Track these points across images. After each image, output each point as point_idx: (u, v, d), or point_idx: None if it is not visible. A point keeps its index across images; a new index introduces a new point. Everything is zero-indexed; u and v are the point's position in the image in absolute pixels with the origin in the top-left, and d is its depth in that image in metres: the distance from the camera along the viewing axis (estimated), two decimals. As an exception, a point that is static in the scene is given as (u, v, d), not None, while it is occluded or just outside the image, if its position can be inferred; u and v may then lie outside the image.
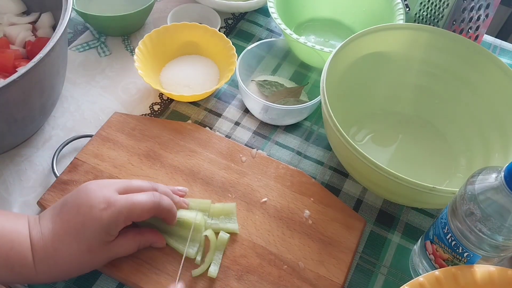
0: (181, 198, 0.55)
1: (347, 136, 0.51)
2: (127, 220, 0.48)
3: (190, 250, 0.53)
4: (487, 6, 0.69)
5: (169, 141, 0.62)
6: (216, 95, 0.71)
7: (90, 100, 0.68)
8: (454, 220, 0.46)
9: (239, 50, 0.69)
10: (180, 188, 0.57)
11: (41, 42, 0.63)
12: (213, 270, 0.52)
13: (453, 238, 0.46)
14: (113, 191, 0.48)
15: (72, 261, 0.47)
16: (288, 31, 0.69)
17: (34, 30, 0.68)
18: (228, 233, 0.54)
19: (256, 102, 0.64)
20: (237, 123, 0.68)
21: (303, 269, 0.53)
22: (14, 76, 0.49)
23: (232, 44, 0.69)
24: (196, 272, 0.52)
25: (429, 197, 0.50)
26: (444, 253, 0.48)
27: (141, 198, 0.49)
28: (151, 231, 0.53)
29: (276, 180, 0.60)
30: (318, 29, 0.81)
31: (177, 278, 0.50)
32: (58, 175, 0.58)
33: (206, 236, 0.54)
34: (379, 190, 0.57)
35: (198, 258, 0.53)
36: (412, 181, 0.48)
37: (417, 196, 0.51)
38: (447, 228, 0.47)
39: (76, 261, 0.47)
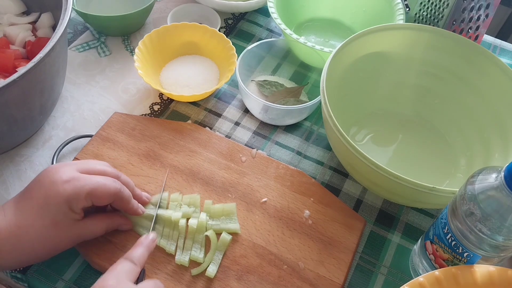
0: (143, 193, 0.56)
1: (347, 136, 0.51)
2: (87, 197, 0.48)
3: (193, 252, 0.53)
4: (487, 6, 0.69)
5: (169, 141, 0.62)
6: (216, 95, 0.71)
7: (90, 100, 0.68)
8: (454, 220, 0.46)
9: (239, 50, 0.69)
10: (145, 194, 0.56)
11: (41, 42, 0.63)
12: (212, 270, 0.52)
13: (453, 238, 0.46)
14: (75, 170, 0.49)
15: (38, 238, 0.47)
16: (288, 31, 0.69)
17: (34, 30, 0.68)
18: (230, 233, 0.54)
19: (256, 102, 0.64)
20: (237, 123, 0.68)
21: (303, 269, 0.53)
22: (14, 76, 0.49)
23: (232, 44, 0.69)
24: (195, 271, 0.52)
25: (429, 197, 0.50)
26: (444, 253, 0.48)
27: (104, 181, 0.49)
28: (118, 214, 0.53)
29: (276, 180, 0.60)
30: (318, 29, 0.81)
31: (151, 227, 0.53)
32: (58, 175, 0.58)
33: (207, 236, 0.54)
34: (379, 190, 0.57)
35: (201, 256, 0.53)
36: (412, 181, 0.48)
37: (417, 196, 0.51)
38: (447, 228, 0.47)
39: (41, 237, 0.47)
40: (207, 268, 0.52)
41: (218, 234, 0.54)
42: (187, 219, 0.55)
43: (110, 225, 0.52)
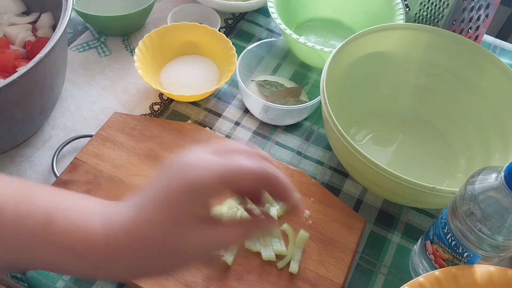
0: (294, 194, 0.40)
1: (347, 136, 0.51)
2: (225, 185, 0.35)
3: (274, 247, 0.54)
4: (487, 6, 0.69)
5: (169, 141, 0.62)
6: (216, 95, 0.71)
7: (90, 100, 0.68)
8: (454, 220, 0.46)
9: (239, 50, 0.69)
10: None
11: (41, 42, 0.63)
12: (294, 267, 0.53)
13: (453, 238, 0.46)
14: (206, 153, 0.37)
15: (154, 237, 0.34)
16: (288, 31, 0.69)
17: (34, 30, 0.68)
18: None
19: (256, 102, 0.64)
20: (237, 123, 0.68)
21: (303, 269, 0.53)
22: (14, 76, 0.49)
23: (232, 44, 0.69)
24: (281, 264, 0.53)
25: (429, 197, 0.50)
26: (444, 253, 0.48)
27: (247, 161, 0.36)
28: (255, 218, 0.40)
29: (276, 180, 0.60)
30: (318, 29, 0.81)
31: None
32: (58, 175, 0.58)
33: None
34: (379, 190, 0.57)
35: (283, 249, 0.54)
36: (412, 181, 0.48)
37: (417, 196, 0.51)
38: (447, 228, 0.47)
39: (158, 238, 0.34)
40: (289, 262, 0.53)
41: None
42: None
43: (252, 227, 0.39)
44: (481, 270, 0.45)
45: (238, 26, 0.81)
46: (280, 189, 0.37)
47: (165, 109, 0.68)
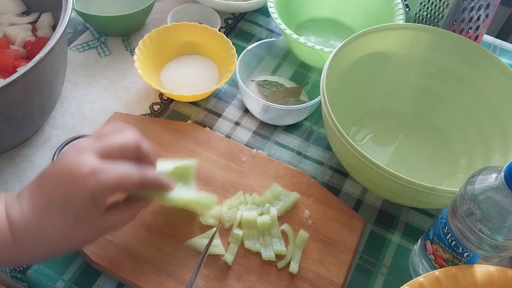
0: (167, 181, 0.50)
1: (347, 136, 0.51)
2: (112, 191, 0.43)
3: (274, 247, 0.54)
4: (487, 6, 0.69)
5: (169, 141, 0.62)
6: (216, 95, 0.71)
7: (90, 100, 0.68)
8: (454, 220, 0.46)
9: (239, 50, 0.69)
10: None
11: (41, 42, 0.63)
12: (294, 267, 0.53)
13: (453, 238, 0.46)
14: (93, 156, 0.43)
15: (60, 238, 0.43)
16: (288, 31, 0.69)
17: (34, 30, 0.68)
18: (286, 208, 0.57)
19: (256, 102, 0.64)
20: (237, 123, 0.68)
21: (303, 269, 0.53)
22: (14, 76, 0.49)
23: (232, 44, 0.69)
24: (280, 264, 0.53)
25: (429, 197, 0.50)
26: (444, 253, 0.48)
27: (127, 172, 0.44)
28: (136, 199, 0.49)
29: (276, 180, 0.60)
30: (318, 29, 0.81)
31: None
32: (58, 175, 0.58)
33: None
34: (379, 190, 0.57)
35: (284, 249, 0.54)
36: (412, 181, 0.48)
37: (417, 196, 0.51)
38: (447, 228, 0.47)
39: (64, 237, 0.43)
40: (290, 262, 0.53)
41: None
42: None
43: (133, 216, 0.48)
44: (481, 270, 0.45)
45: (238, 26, 0.81)
46: (152, 185, 0.47)
47: (165, 109, 0.68)
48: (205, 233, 0.54)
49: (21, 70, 0.50)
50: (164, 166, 0.52)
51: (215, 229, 0.55)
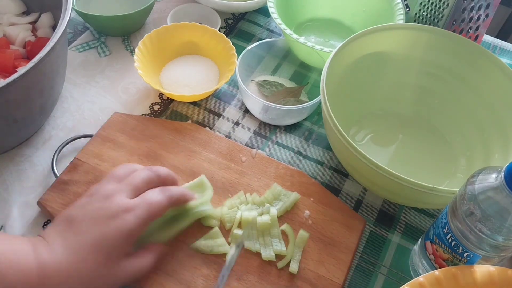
0: (189, 192, 0.54)
1: (347, 136, 0.51)
2: (147, 222, 0.47)
3: (274, 247, 0.54)
4: (487, 6, 0.69)
5: (169, 141, 0.62)
6: (216, 95, 0.71)
7: (90, 100, 0.68)
8: (454, 220, 0.46)
9: (239, 50, 0.69)
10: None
11: (41, 42, 0.63)
12: (295, 267, 0.53)
13: (453, 238, 0.46)
14: (124, 197, 0.47)
15: (88, 274, 0.44)
16: (288, 31, 0.69)
17: (34, 30, 0.68)
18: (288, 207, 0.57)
19: (256, 102, 0.64)
20: (237, 123, 0.68)
21: (303, 269, 0.53)
22: (14, 76, 0.49)
23: (232, 44, 0.69)
24: (280, 264, 0.53)
25: (429, 197, 0.50)
26: (444, 253, 0.48)
27: (156, 197, 0.48)
28: (153, 245, 0.51)
29: (276, 180, 0.60)
30: (318, 29, 0.81)
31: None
32: (58, 175, 0.58)
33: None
34: (379, 190, 0.57)
35: (283, 249, 0.54)
36: (412, 181, 0.48)
37: (417, 196, 0.51)
38: (447, 228, 0.47)
39: (91, 274, 0.44)
40: (290, 262, 0.53)
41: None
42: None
43: (154, 261, 0.49)
44: (481, 270, 0.45)
45: (238, 26, 0.81)
46: (182, 202, 0.52)
47: (165, 109, 0.68)
48: (207, 234, 0.54)
49: (21, 70, 0.50)
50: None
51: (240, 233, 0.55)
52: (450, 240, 0.47)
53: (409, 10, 0.76)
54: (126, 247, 0.46)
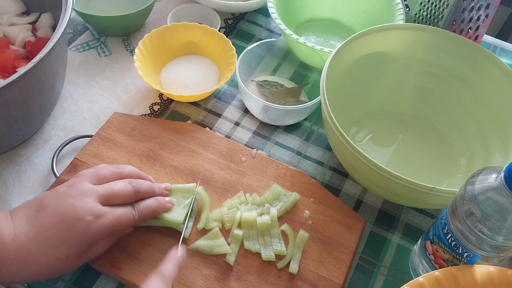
0: (167, 198, 0.55)
1: (347, 136, 0.51)
2: (110, 233, 0.49)
3: (274, 247, 0.54)
4: (487, 6, 0.69)
5: (169, 141, 0.62)
6: (216, 95, 0.71)
7: (90, 100, 0.68)
8: (454, 220, 0.46)
9: (239, 50, 0.69)
10: (164, 185, 0.56)
11: (41, 42, 0.63)
12: (294, 267, 0.53)
13: (453, 238, 0.46)
14: (96, 201, 0.48)
15: (48, 267, 0.46)
16: (288, 31, 0.69)
17: (34, 30, 0.68)
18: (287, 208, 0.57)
19: (256, 102, 0.64)
20: (237, 123, 0.68)
21: (303, 269, 0.53)
22: (14, 76, 0.49)
23: (232, 44, 0.69)
24: (280, 264, 0.53)
25: (429, 197, 0.50)
26: (444, 253, 0.48)
27: (125, 214, 0.49)
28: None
29: (276, 180, 0.60)
30: (318, 29, 0.81)
31: (179, 242, 0.51)
32: (58, 175, 0.58)
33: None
34: (379, 190, 0.57)
35: (283, 249, 0.54)
36: (412, 181, 0.48)
37: (417, 196, 0.51)
38: (447, 228, 0.47)
39: (50, 268, 0.46)
40: (290, 262, 0.53)
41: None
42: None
43: (112, 242, 0.52)
44: (481, 270, 0.45)
45: (238, 26, 0.81)
46: (150, 216, 0.52)
47: (165, 109, 0.68)
48: (207, 234, 0.54)
49: (21, 70, 0.50)
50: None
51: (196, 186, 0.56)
52: (450, 240, 0.47)
53: (409, 10, 0.76)
54: (86, 248, 0.47)
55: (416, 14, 0.75)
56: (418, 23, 0.75)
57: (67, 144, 0.62)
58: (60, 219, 0.46)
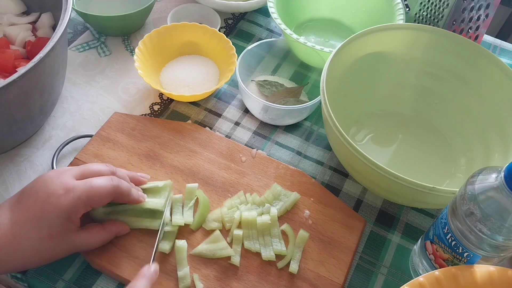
0: (138, 173, 0.56)
1: (347, 136, 0.51)
2: (86, 205, 0.48)
3: (274, 247, 0.54)
4: (487, 6, 0.69)
5: (169, 141, 0.62)
6: (216, 95, 0.71)
7: (90, 100, 0.68)
8: (454, 220, 0.46)
9: (239, 50, 0.69)
10: (141, 174, 0.57)
11: (41, 42, 0.63)
12: (294, 267, 0.53)
13: (453, 238, 0.46)
14: (70, 177, 0.48)
15: (33, 249, 0.46)
16: (288, 31, 0.69)
17: (34, 30, 0.68)
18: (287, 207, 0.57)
19: (256, 102, 0.64)
20: (237, 123, 0.68)
21: (303, 269, 0.53)
22: (14, 76, 0.49)
23: (232, 44, 0.69)
24: (280, 264, 0.53)
25: (429, 197, 0.50)
26: (444, 253, 0.48)
27: (100, 182, 0.49)
28: (113, 223, 0.53)
29: (276, 180, 0.60)
30: (318, 29, 0.81)
31: (152, 258, 0.50)
32: (58, 175, 0.58)
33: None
34: (379, 190, 0.57)
35: (283, 249, 0.54)
36: (412, 181, 0.48)
37: (417, 196, 0.51)
38: (447, 228, 0.47)
39: (36, 249, 0.47)
40: (290, 262, 0.53)
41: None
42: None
43: (107, 238, 0.52)
44: (481, 270, 0.45)
45: (238, 26, 0.81)
46: (124, 198, 0.51)
47: (165, 109, 0.68)
48: (209, 238, 0.54)
49: (21, 70, 0.50)
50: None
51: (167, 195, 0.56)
52: (450, 240, 0.47)
53: (409, 10, 0.76)
54: (67, 224, 0.47)
55: (416, 14, 0.75)
56: (418, 23, 0.75)
57: (67, 144, 0.62)
58: (35, 198, 0.47)
